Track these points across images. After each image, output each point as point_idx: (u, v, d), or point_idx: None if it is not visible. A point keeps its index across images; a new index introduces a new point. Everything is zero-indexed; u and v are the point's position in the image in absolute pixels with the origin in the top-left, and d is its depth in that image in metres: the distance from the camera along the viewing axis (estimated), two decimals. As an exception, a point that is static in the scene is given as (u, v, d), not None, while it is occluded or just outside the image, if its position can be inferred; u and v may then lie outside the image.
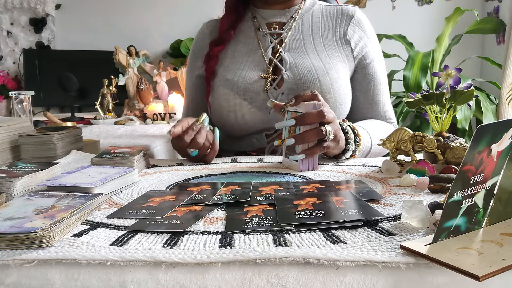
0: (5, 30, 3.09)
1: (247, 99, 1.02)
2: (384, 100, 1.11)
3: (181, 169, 0.87)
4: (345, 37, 1.09)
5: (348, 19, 1.11)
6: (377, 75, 1.10)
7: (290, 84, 1.02)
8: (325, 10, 1.13)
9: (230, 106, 1.03)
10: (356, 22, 1.11)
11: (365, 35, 1.11)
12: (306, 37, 1.08)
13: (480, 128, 0.41)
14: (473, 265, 0.39)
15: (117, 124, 2.33)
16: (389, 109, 1.13)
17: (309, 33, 1.09)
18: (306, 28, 1.10)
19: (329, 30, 1.10)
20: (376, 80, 1.10)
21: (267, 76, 1.04)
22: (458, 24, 2.71)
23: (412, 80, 2.54)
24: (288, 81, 1.02)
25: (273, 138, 1.05)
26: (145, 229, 0.51)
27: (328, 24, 1.11)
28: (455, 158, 0.75)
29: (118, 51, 2.79)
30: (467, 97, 0.77)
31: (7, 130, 0.91)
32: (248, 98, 1.02)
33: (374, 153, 0.98)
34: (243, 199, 0.61)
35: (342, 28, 1.10)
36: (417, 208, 0.50)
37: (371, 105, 1.10)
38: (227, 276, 0.42)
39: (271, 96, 1.02)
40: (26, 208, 0.55)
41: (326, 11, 1.13)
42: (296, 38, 1.08)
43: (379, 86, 1.10)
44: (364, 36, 1.10)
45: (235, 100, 1.03)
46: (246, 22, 1.14)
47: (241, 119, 1.03)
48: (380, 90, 1.11)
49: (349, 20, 1.10)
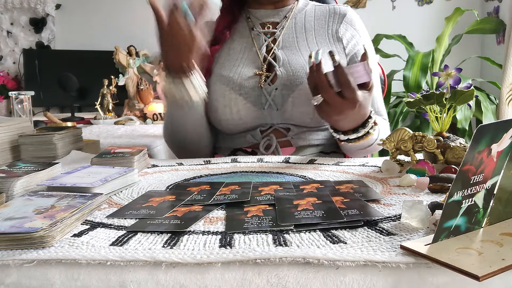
0: (5, 30, 3.09)
1: (242, 94, 1.04)
2: (376, 97, 1.13)
3: (181, 169, 0.87)
4: (337, 34, 1.10)
5: (340, 17, 1.13)
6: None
7: (283, 80, 1.03)
8: (318, 10, 1.16)
9: (225, 100, 1.04)
10: (348, 21, 1.13)
11: (357, 33, 1.12)
12: (299, 35, 1.10)
13: (480, 128, 0.41)
14: (473, 265, 0.39)
15: (117, 124, 2.33)
16: (380, 105, 1.14)
17: (302, 31, 1.11)
18: (299, 27, 1.12)
19: (322, 28, 1.12)
20: None
21: (261, 73, 1.05)
22: (458, 24, 2.71)
23: (412, 80, 2.54)
24: (282, 77, 1.04)
25: (268, 133, 1.06)
26: (145, 229, 0.51)
27: (321, 22, 1.13)
28: (455, 158, 0.75)
29: (118, 51, 2.79)
30: (467, 97, 0.77)
31: (7, 130, 0.92)
32: (243, 93, 1.04)
33: (372, 148, 1.00)
34: (243, 199, 0.61)
35: (335, 26, 1.12)
36: (417, 208, 0.50)
37: None
38: (227, 276, 0.42)
39: (265, 92, 1.04)
40: (26, 208, 0.55)
41: (318, 11, 1.15)
42: (290, 36, 1.10)
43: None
44: (356, 34, 1.12)
45: (230, 95, 1.04)
46: (240, 23, 1.16)
47: (236, 114, 1.04)
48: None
49: (341, 19, 1.12)
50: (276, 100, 1.03)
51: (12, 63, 3.10)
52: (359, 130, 0.91)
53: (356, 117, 0.89)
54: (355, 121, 0.90)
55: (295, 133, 1.04)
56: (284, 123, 1.05)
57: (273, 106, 1.03)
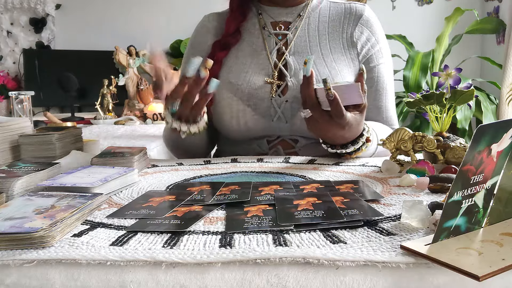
0: (5, 30, 3.10)
1: (251, 105, 0.99)
2: (387, 105, 1.08)
3: (181, 169, 0.87)
4: (352, 39, 1.05)
5: (356, 19, 1.06)
6: (380, 79, 1.06)
7: (294, 92, 0.99)
8: (333, 9, 1.08)
9: (232, 112, 1.00)
10: (364, 22, 1.06)
11: (372, 36, 1.06)
12: (312, 39, 1.05)
13: (480, 128, 0.41)
14: (473, 265, 0.39)
15: (117, 124, 2.33)
16: (392, 114, 1.09)
17: (315, 34, 1.05)
18: (313, 29, 1.06)
19: (336, 31, 1.06)
20: (379, 84, 1.06)
21: (272, 81, 1.00)
22: (458, 24, 2.71)
23: (412, 80, 2.54)
24: (293, 88, 0.99)
25: (275, 144, 1.02)
26: (145, 229, 0.51)
27: (335, 24, 1.06)
28: (455, 158, 0.75)
29: (118, 51, 2.79)
30: (467, 97, 0.77)
31: (7, 130, 0.91)
32: (252, 105, 0.99)
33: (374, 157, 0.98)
34: (243, 199, 0.61)
35: (350, 29, 1.06)
36: (417, 208, 0.50)
37: (372, 110, 1.06)
38: (227, 276, 0.42)
39: (275, 104, 0.99)
40: (26, 208, 0.55)
41: (333, 10, 1.08)
42: (302, 40, 1.04)
43: (382, 90, 1.07)
44: (371, 37, 1.06)
45: (238, 107, 1.00)
46: (250, 19, 1.09)
47: (243, 125, 1.00)
48: (382, 94, 1.07)
49: (357, 21, 1.06)
50: (286, 113, 0.99)
51: (12, 63, 3.11)
52: (348, 146, 0.87)
53: (345, 136, 0.85)
54: (344, 139, 0.86)
55: (303, 145, 1.01)
56: (293, 134, 1.01)
57: (283, 119, 0.99)
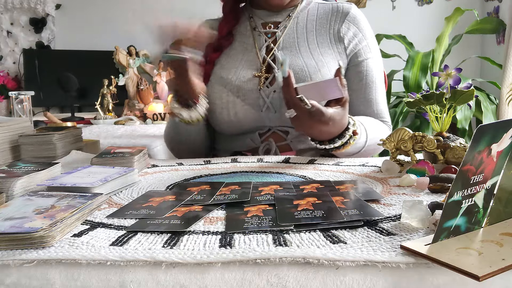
0: (5, 30, 3.09)
1: (240, 97, 1.04)
2: (378, 98, 1.10)
3: (181, 169, 0.87)
4: (339, 34, 1.09)
5: (343, 16, 1.10)
6: (369, 73, 1.09)
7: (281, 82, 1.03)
8: (321, 8, 1.14)
9: (223, 103, 1.05)
10: (351, 19, 1.10)
11: (359, 32, 1.10)
12: (300, 35, 1.09)
13: (480, 128, 0.41)
14: (473, 265, 0.39)
15: (117, 124, 2.33)
16: (383, 107, 1.12)
17: (303, 31, 1.10)
18: (301, 27, 1.10)
19: (324, 28, 1.10)
20: (368, 78, 1.09)
21: (260, 74, 1.05)
22: (458, 24, 2.71)
23: (412, 80, 2.53)
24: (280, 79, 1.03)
25: (267, 137, 1.06)
26: (145, 229, 0.51)
27: (322, 22, 1.11)
28: (455, 158, 0.75)
29: (118, 51, 2.79)
30: (467, 97, 0.77)
31: (7, 130, 0.92)
32: (241, 96, 1.04)
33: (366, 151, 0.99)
34: (243, 199, 0.61)
35: (337, 25, 1.10)
36: (417, 208, 0.50)
37: (363, 104, 1.09)
38: (227, 276, 0.42)
39: (263, 94, 1.03)
40: (26, 208, 0.55)
41: (321, 9, 1.13)
42: (290, 37, 1.09)
43: (372, 84, 1.09)
44: (358, 33, 1.10)
45: (228, 98, 1.04)
46: (242, 22, 1.15)
47: (234, 116, 1.05)
48: (372, 88, 1.10)
49: (344, 17, 1.10)
50: (274, 103, 1.03)
51: (12, 63, 3.10)
52: (335, 141, 0.89)
53: (331, 131, 0.87)
54: (330, 134, 0.89)
55: (294, 136, 1.04)
56: (283, 125, 1.04)
57: (271, 109, 1.03)
